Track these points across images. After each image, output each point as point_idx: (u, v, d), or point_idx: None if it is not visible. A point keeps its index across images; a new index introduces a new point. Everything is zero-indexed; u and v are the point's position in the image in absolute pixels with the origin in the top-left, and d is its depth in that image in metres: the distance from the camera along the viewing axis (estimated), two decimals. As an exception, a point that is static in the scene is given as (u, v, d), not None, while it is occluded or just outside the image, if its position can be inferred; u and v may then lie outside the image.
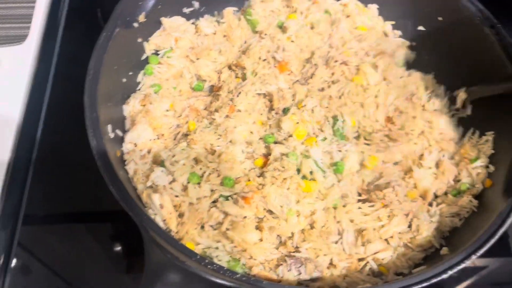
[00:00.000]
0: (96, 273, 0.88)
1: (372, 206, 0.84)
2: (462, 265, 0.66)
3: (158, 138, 0.88)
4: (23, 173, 0.98)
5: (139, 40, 0.97)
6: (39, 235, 0.93)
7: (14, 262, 0.88)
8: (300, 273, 0.73)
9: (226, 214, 0.79)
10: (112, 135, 0.82)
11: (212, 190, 0.81)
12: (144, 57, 0.98)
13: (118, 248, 0.92)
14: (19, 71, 1.09)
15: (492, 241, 0.68)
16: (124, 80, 0.92)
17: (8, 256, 0.88)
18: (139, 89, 0.94)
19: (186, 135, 0.88)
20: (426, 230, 0.80)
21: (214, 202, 0.81)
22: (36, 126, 1.05)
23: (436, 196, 0.88)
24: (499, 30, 0.89)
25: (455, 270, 0.65)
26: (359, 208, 0.84)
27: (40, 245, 0.91)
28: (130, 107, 0.90)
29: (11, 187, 0.95)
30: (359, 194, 0.87)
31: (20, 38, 1.12)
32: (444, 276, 0.65)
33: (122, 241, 0.92)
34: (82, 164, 0.96)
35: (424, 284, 0.64)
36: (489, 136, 0.88)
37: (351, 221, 0.82)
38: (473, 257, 0.66)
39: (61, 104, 1.09)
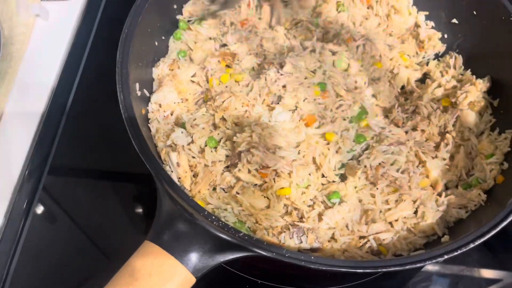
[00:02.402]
0: (116, 231, 0.94)
1: (382, 190, 0.86)
2: (459, 251, 0.67)
3: (182, 102, 0.92)
4: (55, 127, 1.05)
5: (174, 6, 1.00)
6: (67, 187, 1.00)
7: (41, 209, 0.95)
8: (301, 242, 0.76)
9: (238, 179, 0.83)
10: (139, 93, 0.87)
11: (227, 156, 0.85)
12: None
13: (139, 210, 0.98)
14: (64, 25, 1.16)
15: (493, 232, 0.69)
16: (156, 43, 0.96)
17: (31, 202, 0.95)
18: (168, 54, 0.98)
19: (206, 101, 0.92)
20: (431, 218, 0.81)
21: (227, 167, 0.84)
22: (73, 81, 1.12)
23: (447, 188, 0.89)
24: (532, 30, 0.88)
25: (451, 255, 0.67)
26: (370, 189, 0.86)
27: (67, 197, 0.97)
28: (159, 70, 0.94)
29: (43, 136, 1.02)
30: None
31: None
32: (440, 259, 0.67)
33: (143, 204, 0.98)
34: (113, 124, 1.02)
35: (418, 265, 0.66)
36: (508, 134, 0.88)
37: (360, 200, 0.85)
38: (471, 245, 0.68)
39: (98, 63, 1.15)
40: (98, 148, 1.03)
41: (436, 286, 0.92)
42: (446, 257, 0.67)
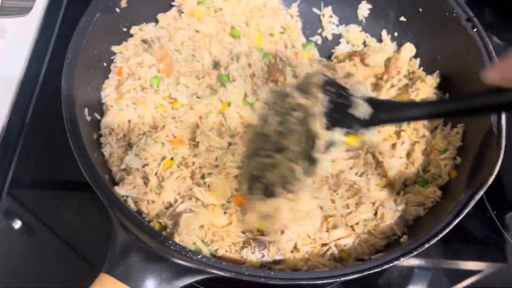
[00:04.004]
0: (98, 241, 0.88)
1: (342, 195, 0.87)
2: (415, 253, 0.68)
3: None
4: (15, 143, 1.03)
5: (124, 29, 0.97)
6: (44, 200, 0.98)
7: (19, 224, 0.94)
8: (263, 256, 0.76)
9: (197, 199, 0.82)
10: (89, 118, 0.85)
11: (184, 177, 0.84)
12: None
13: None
14: (21, 42, 1.12)
15: (447, 230, 0.70)
16: (105, 64, 0.94)
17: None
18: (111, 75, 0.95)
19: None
20: (390, 218, 0.83)
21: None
22: (31, 96, 1.10)
23: (405, 186, 0.91)
24: (475, 24, 0.90)
25: (408, 257, 0.68)
26: (331, 195, 0.87)
27: (45, 209, 0.96)
28: (106, 93, 0.91)
29: (2, 153, 1.01)
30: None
31: (25, 10, 1.14)
32: (397, 262, 0.68)
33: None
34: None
35: (377, 270, 0.67)
36: (460, 128, 0.90)
37: (320, 207, 0.85)
38: (426, 245, 0.69)
39: (56, 77, 1.10)
40: (63, 159, 0.98)
41: (418, 279, 0.94)
42: (403, 259, 0.68)
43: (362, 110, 0.67)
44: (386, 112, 0.68)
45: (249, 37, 1.01)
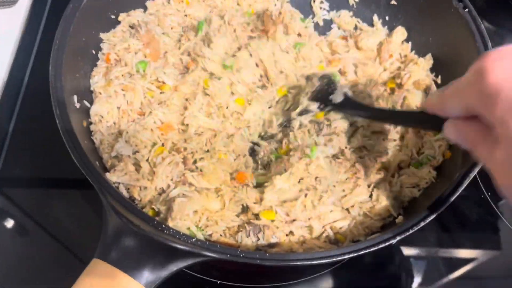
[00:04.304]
0: (91, 238, 0.88)
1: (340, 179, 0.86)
2: (411, 231, 0.68)
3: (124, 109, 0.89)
4: (2, 139, 1.01)
5: (112, 16, 0.96)
6: (35, 198, 0.96)
7: (11, 222, 0.93)
8: (258, 239, 0.75)
9: (190, 184, 0.81)
10: (78, 105, 0.83)
11: (176, 162, 0.83)
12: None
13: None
14: (7, 34, 1.10)
15: (442, 208, 0.70)
16: (94, 52, 0.93)
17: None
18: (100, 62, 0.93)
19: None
20: (385, 200, 0.82)
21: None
22: (19, 91, 1.08)
23: (400, 168, 0.90)
24: (467, 4, 0.89)
25: (403, 236, 0.68)
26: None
27: (38, 209, 0.94)
28: (94, 80, 0.90)
29: None
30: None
31: (11, 1, 1.12)
32: (393, 241, 0.67)
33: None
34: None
35: (373, 249, 0.66)
36: (453, 109, 0.89)
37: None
38: (422, 223, 0.69)
39: (45, 70, 1.09)
40: (54, 156, 0.97)
41: (414, 269, 0.94)
42: (398, 238, 0.68)
43: (337, 98, 0.86)
44: (350, 107, 0.86)
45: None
